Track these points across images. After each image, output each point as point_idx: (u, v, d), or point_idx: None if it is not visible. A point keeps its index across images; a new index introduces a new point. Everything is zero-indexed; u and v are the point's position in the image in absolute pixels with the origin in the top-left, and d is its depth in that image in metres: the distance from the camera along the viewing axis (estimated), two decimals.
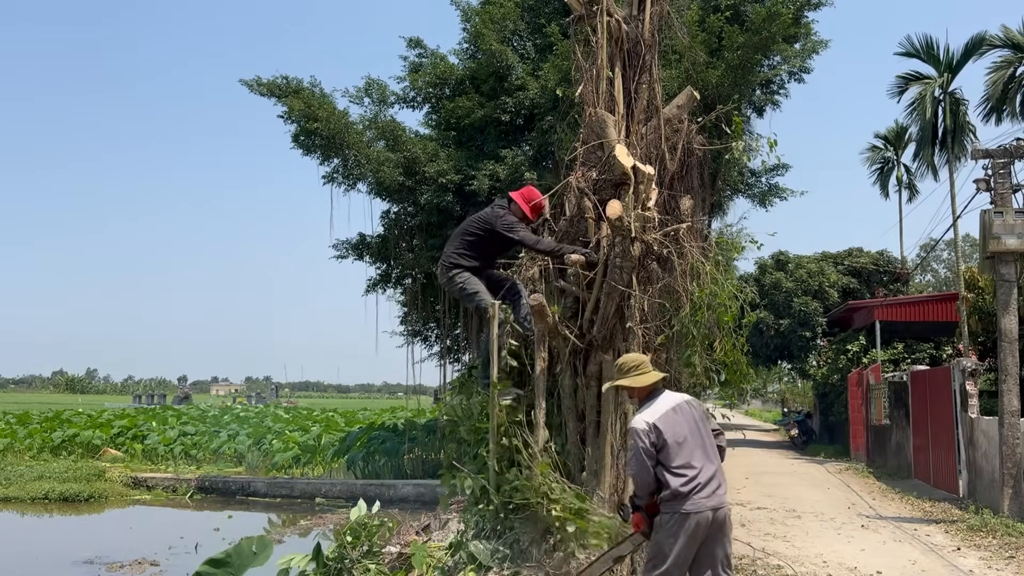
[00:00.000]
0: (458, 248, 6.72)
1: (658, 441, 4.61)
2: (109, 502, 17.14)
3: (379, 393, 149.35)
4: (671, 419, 4.68)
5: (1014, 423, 11.35)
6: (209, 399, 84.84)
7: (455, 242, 6.79)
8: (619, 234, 5.96)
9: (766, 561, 8.07)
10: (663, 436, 4.61)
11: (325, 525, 13.54)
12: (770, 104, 17.40)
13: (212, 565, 2.85)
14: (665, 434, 4.61)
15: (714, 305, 6.59)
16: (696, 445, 4.67)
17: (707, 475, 4.60)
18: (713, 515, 4.55)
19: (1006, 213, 11.58)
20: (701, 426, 4.77)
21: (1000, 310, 11.68)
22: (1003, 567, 8.57)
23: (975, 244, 35.24)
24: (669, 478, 4.57)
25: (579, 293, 6.57)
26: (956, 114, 24.62)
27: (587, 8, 7.03)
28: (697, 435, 4.71)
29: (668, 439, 4.60)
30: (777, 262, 29.78)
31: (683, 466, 4.57)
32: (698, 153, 7.43)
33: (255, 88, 16.70)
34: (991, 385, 16.22)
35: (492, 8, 17.66)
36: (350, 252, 19.25)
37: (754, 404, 78.24)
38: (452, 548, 6.10)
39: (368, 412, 38.27)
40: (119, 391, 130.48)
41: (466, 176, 16.01)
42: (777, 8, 14.35)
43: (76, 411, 34.88)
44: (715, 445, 4.81)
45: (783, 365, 35.38)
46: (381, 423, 24.35)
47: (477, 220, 6.78)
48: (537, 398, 6.21)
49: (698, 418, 4.80)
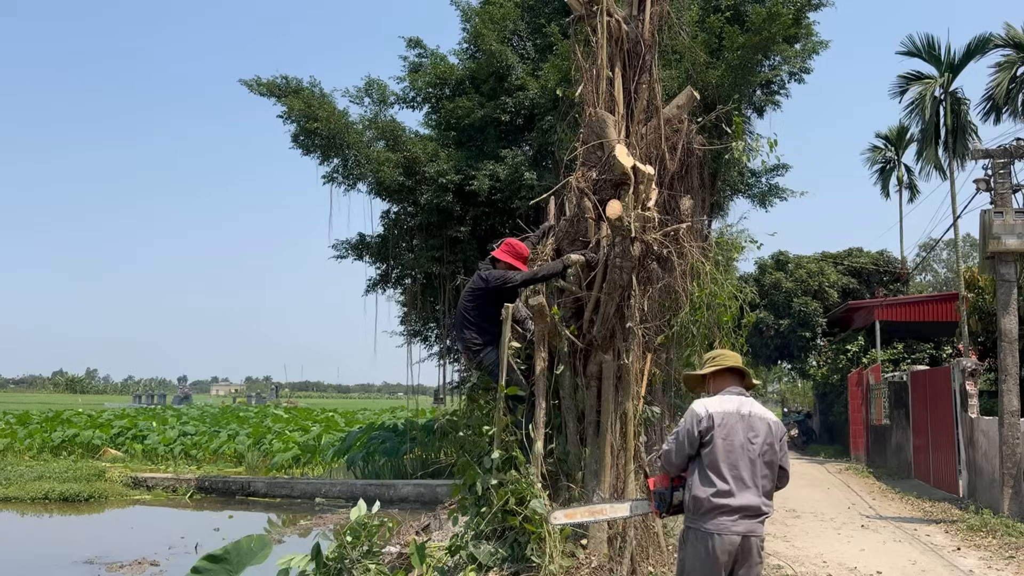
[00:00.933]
0: (469, 327, 6.49)
1: (706, 432, 4.16)
2: (109, 502, 17.14)
3: (379, 393, 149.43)
4: (733, 419, 4.19)
5: (1014, 423, 11.35)
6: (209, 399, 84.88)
7: (464, 325, 6.56)
8: (619, 234, 5.95)
9: (766, 561, 8.07)
10: (714, 431, 4.14)
11: (325, 525, 13.55)
12: (770, 104, 17.40)
13: (210, 561, 2.86)
14: (716, 429, 4.14)
15: (714, 305, 6.61)
16: (745, 463, 4.13)
17: (742, 500, 4.08)
18: (741, 540, 4.06)
19: (1006, 213, 11.58)
20: (763, 448, 4.19)
21: (1000, 310, 11.68)
22: (1003, 567, 8.57)
23: (975, 244, 35.23)
24: (697, 479, 4.14)
25: (579, 293, 6.57)
26: (957, 114, 24.60)
27: (587, 8, 7.03)
28: (752, 453, 4.15)
29: (717, 437, 4.13)
30: (777, 262, 29.78)
31: (718, 474, 4.09)
32: (698, 153, 7.43)
33: (255, 88, 16.70)
34: (991, 385, 16.23)
35: (492, 8, 17.66)
36: (350, 252, 19.25)
37: None
38: (452, 548, 6.10)
39: (368, 412, 38.29)
40: (119, 391, 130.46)
41: (466, 176, 16.01)
42: (777, 8, 14.35)
43: (76, 411, 34.90)
44: (767, 476, 4.21)
45: (783, 365, 35.37)
46: (381, 423, 24.36)
47: (471, 294, 6.57)
48: (537, 398, 6.21)
49: (765, 439, 4.21)
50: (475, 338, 6.46)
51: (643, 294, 6.33)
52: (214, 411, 38.60)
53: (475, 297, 6.52)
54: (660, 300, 6.63)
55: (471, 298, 6.54)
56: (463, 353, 6.84)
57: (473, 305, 6.51)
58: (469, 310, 6.53)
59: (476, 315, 6.49)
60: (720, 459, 4.13)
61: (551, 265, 6.49)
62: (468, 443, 6.48)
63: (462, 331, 6.61)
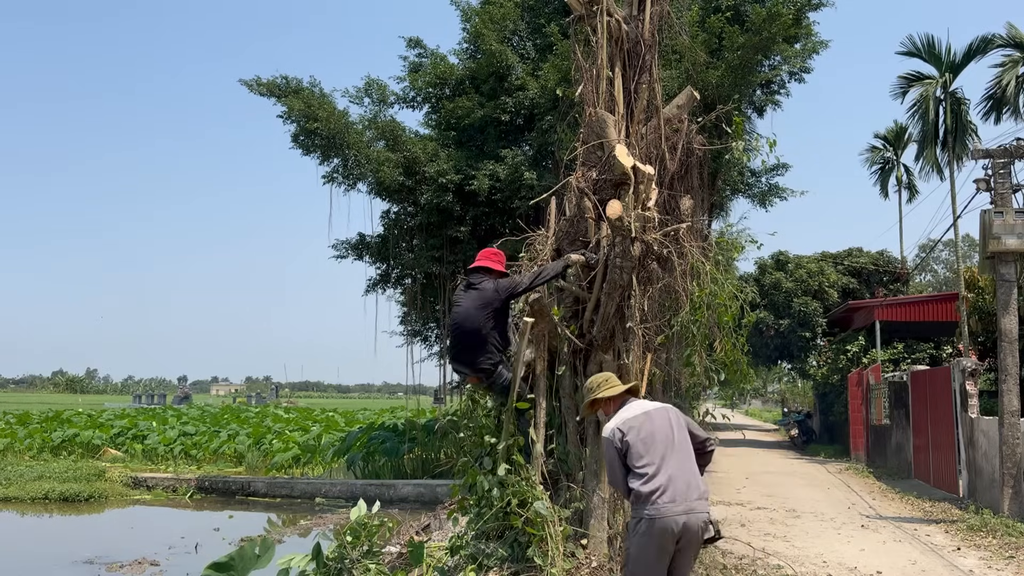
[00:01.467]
0: (481, 348, 6.01)
1: (622, 445, 4.51)
2: (109, 502, 17.13)
3: (379, 393, 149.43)
4: (639, 422, 4.56)
5: (1014, 423, 11.35)
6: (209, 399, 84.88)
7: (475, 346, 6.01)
8: (619, 234, 5.95)
9: (766, 561, 8.07)
10: (626, 438, 4.50)
11: (325, 525, 13.55)
12: (770, 104, 17.42)
13: (215, 569, 2.84)
14: (628, 435, 4.51)
15: (714, 305, 6.60)
16: (667, 450, 4.49)
17: (677, 482, 4.39)
18: (685, 522, 4.33)
19: (1006, 213, 11.58)
20: (677, 432, 4.60)
21: (1000, 310, 11.68)
22: (1003, 567, 8.57)
23: (974, 244, 35.23)
24: (631, 479, 4.44)
25: (579, 293, 6.57)
26: (958, 114, 24.58)
27: (587, 8, 7.03)
28: (669, 440, 4.53)
29: (631, 440, 4.49)
30: (777, 262, 29.78)
31: (644, 466, 4.41)
32: (698, 153, 7.44)
33: (255, 88, 16.70)
34: (991, 385, 16.22)
35: (492, 8, 17.67)
36: (350, 252, 19.26)
37: (754, 404, 78.33)
38: (452, 548, 6.10)
39: (368, 412, 38.30)
40: (119, 391, 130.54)
41: (466, 176, 16.01)
42: (777, 8, 14.35)
43: (76, 411, 34.90)
44: (691, 452, 4.61)
45: (783, 365, 35.38)
46: (381, 423, 24.35)
47: (483, 310, 6.01)
48: (537, 398, 6.21)
49: (675, 424, 4.63)
50: (488, 358, 5.99)
51: (643, 294, 6.32)
52: (214, 411, 38.61)
53: (489, 313, 5.99)
54: (660, 300, 6.63)
55: (485, 315, 5.98)
56: (471, 376, 6.18)
57: (488, 322, 5.98)
58: (484, 328, 5.97)
59: (490, 332, 5.99)
60: (643, 455, 4.46)
61: (553, 265, 6.30)
62: (469, 443, 6.47)
63: (473, 353, 6.03)
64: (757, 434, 37.36)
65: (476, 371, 6.08)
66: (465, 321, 6.04)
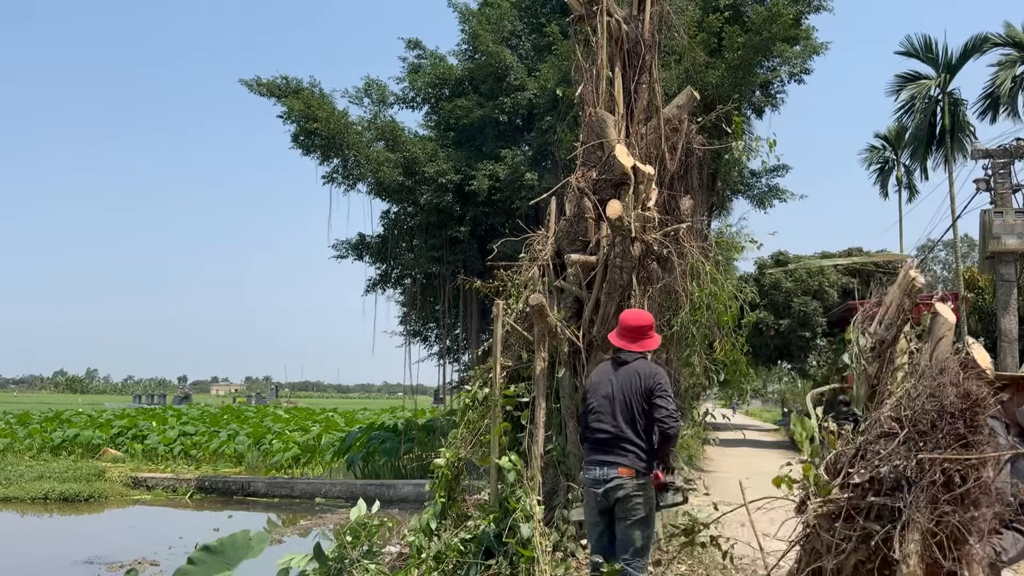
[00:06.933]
0: (636, 442, 4.62)
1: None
2: (109, 502, 17.12)
3: (379, 393, 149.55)
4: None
5: None
6: (209, 399, 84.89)
7: (629, 440, 4.59)
8: (619, 234, 5.96)
9: (766, 561, 8.06)
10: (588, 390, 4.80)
11: (325, 525, 13.55)
12: (770, 105, 17.40)
13: (206, 552, 2.86)
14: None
15: (714, 305, 6.60)
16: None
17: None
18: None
19: (1006, 213, 11.60)
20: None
21: (1000, 310, 11.69)
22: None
23: (973, 244, 35.27)
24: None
25: (579, 293, 6.57)
26: (955, 114, 24.59)
27: (587, 8, 7.04)
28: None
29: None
30: (777, 262, 29.78)
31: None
32: (698, 153, 7.44)
33: (255, 88, 16.69)
34: None
35: (489, 10, 17.68)
36: (350, 252, 19.26)
37: (754, 404, 78.30)
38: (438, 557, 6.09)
39: (368, 412, 38.27)
40: (119, 391, 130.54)
41: (465, 176, 16.02)
42: (778, 9, 14.34)
43: (76, 411, 34.87)
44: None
45: (783, 365, 35.37)
46: (381, 423, 24.34)
47: (651, 391, 4.60)
48: (537, 398, 6.21)
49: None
50: (641, 456, 4.58)
51: (643, 294, 6.33)
52: (214, 411, 38.58)
53: (647, 398, 4.59)
54: (660, 300, 6.63)
55: (645, 399, 4.59)
56: (616, 474, 4.50)
57: (646, 407, 4.60)
58: (643, 414, 4.60)
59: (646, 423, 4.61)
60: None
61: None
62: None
63: (622, 444, 4.57)
64: (757, 434, 37.29)
65: (624, 462, 4.62)
66: (628, 397, 4.71)
